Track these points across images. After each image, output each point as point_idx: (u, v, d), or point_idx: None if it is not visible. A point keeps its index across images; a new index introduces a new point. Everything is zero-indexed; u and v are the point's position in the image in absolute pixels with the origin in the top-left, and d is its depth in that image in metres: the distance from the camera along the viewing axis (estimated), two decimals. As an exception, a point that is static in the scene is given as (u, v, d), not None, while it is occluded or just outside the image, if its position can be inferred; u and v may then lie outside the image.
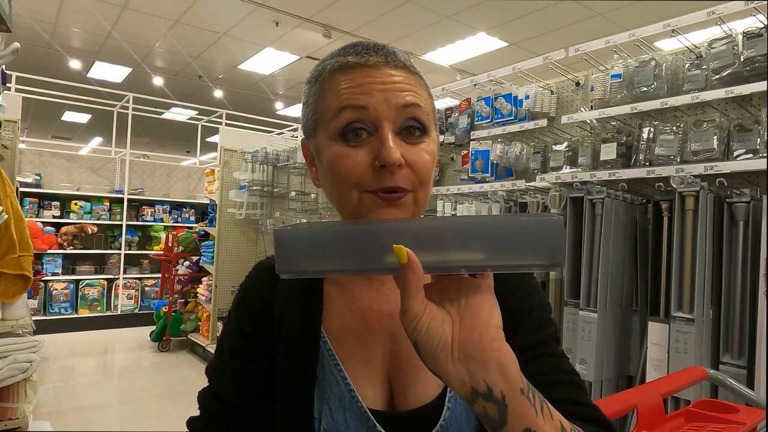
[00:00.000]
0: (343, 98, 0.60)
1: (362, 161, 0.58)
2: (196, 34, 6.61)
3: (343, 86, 0.60)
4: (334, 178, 0.61)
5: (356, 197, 0.60)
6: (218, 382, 0.72)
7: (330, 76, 0.62)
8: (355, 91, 0.59)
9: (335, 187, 0.61)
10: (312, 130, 0.65)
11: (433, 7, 5.52)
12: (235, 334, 0.72)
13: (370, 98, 0.59)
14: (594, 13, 5.48)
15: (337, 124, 0.60)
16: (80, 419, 3.77)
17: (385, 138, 0.58)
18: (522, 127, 2.65)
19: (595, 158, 2.32)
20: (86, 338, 6.40)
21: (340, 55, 0.63)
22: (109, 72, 8.26)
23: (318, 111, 0.63)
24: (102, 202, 7.11)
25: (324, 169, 0.63)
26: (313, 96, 0.64)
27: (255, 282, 0.75)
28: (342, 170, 0.59)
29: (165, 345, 5.77)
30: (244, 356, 0.70)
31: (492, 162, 2.77)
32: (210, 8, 5.82)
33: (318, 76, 0.65)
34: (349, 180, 0.59)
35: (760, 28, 1.83)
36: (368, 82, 0.59)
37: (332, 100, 0.61)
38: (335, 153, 0.60)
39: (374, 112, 0.59)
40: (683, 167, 1.90)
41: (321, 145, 0.63)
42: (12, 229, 2.44)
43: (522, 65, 2.54)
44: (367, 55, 0.61)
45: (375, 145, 0.59)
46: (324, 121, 0.62)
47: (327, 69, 0.63)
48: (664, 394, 0.99)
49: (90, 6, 5.85)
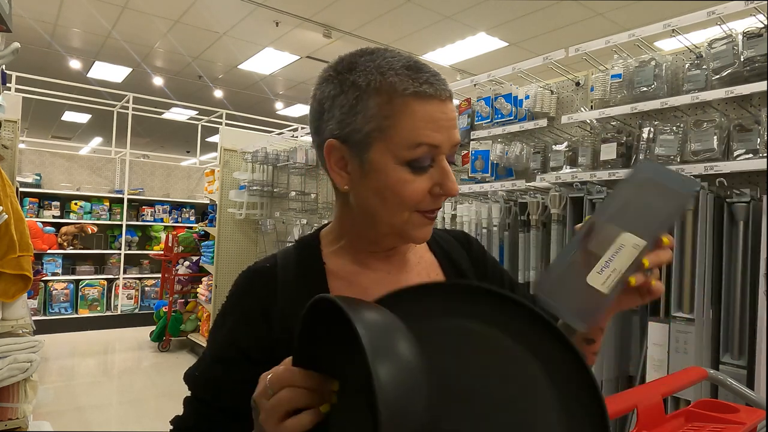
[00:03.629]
0: (422, 134, 0.64)
1: (424, 188, 0.66)
2: (196, 34, 6.61)
3: (420, 118, 0.64)
4: (393, 197, 0.66)
5: (407, 216, 0.67)
6: (215, 390, 0.71)
7: (404, 101, 0.64)
8: (432, 128, 0.64)
9: (388, 204, 0.67)
10: (364, 141, 0.66)
11: (433, 7, 5.52)
12: (239, 340, 0.71)
13: (441, 137, 0.65)
14: (594, 13, 5.48)
15: (410, 155, 0.64)
16: (80, 419, 3.77)
17: (447, 170, 0.67)
18: (522, 127, 2.65)
19: (595, 158, 2.32)
20: (86, 338, 6.40)
21: (412, 78, 0.65)
22: (109, 72, 8.26)
23: (383, 129, 0.64)
24: (102, 202, 7.11)
25: (374, 184, 0.67)
26: (375, 109, 0.65)
27: (251, 287, 0.74)
28: (406, 194, 0.65)
29: (165, 345, 5.77)
30: (254, 361, 0.69)
31: (492, 162, 2.77)
32: (210, 8, 5.82)
33: (382, 89, 0.65)
34: (409, 203, 0.66)
35: (760, 28, 1.83)
36: (440, 119, 0.65)
37: (409, 130, 0.64)
38: (401, 178, 0.65)
39: (440, 149, 0.66)
40: (683, 167, 1.90)
41: (378, 162, 0.66)
42: (12, 229, 2.44)
43: (522, 65, 2.54)
44: (437, 85, 0.65)
45: (435, 174, 0.66)
46: (393, 143, 0.64)
47: (398, 90, 0.64)
48: (664, 394, 0.99)
49: (90, 6, 5.85)
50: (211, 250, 5.41)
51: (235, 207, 5.32)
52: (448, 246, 0.84)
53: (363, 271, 0.75)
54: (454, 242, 0.86)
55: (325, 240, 0.78)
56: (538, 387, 0.49)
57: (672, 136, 2.02)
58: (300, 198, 4.70)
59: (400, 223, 0.68)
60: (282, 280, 0.73)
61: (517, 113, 2.71)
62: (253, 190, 5.07)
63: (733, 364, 1.79)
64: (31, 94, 6.94)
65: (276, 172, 5.14)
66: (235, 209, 5.32)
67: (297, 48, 6.98)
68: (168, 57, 7.57)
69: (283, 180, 5.09)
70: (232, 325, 0.72)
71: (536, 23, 5.83)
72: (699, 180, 1.84)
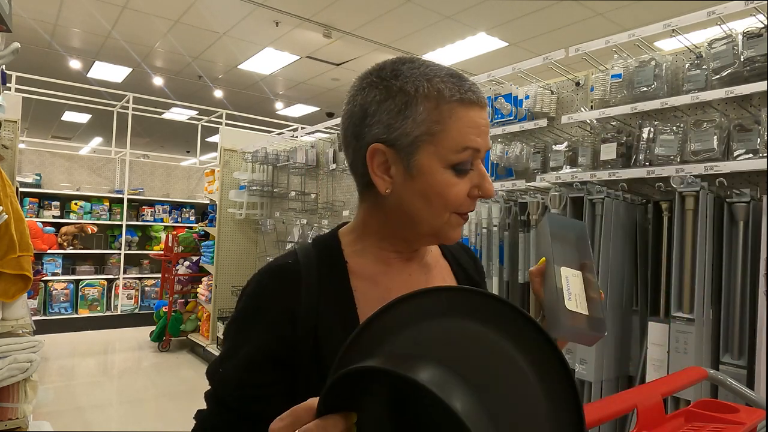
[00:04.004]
0: (468, 139, 0.69)
1: (465, 190, 0.71)
2: (196, 34, 6.61)
3: (465, 123, 0.69)
4: (438, 199, 0.70)
5: (447, 217, 0.71)
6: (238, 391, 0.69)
7: (450, 107, 0.68)
8: (476, 133, 0.69)
9: (432, 206, 0.70)
10: (414, 146, 0.69)
11: (433, 7, 5.52)
12: (267, 343, 0.69)
13: (482, 141, 0.70)
14: (594, 13, 5.48)
15: (456, 158, 0.69)
16: (80, 419, 3.77)
17: (485, 173, 0.72)
18: (522, 127, 2.65)
19: (595, 158, 2.32)
20: (86, 338, 6.40)
21: (457, 87, 0.69)
22: (109, 72, 8.26)
23: (432, 134, 0.68)
24: (102, 202, 7.11)
25: (419, 185, 0.70)
26: (425, 114, 0.68)
27: (276, 286, 0.73)
28: (451, 196, 0.70)
29: (165, 345, 5.76)
30: (279, 362, 0.69)
31: (492, 162, 2.77)
32: (210, 8, 5.82)
33: (430, 95, 0.68)
34: (452, 205, 0.70)
35: (760, 28, 1.83)
36: (481, 125, 0.70)
37: (456, 134, 0.68)
38: (447, 181, 0.69)
39: (480, 153, 0.71)
40: (683, 167, 1.90)
41: (426, 166, 0.69)
42: (12, 229, 2.44)
43: (522, 65, 2.54)
44: (478, 93, 0.71)
45: (474, 177, 0.71)
46: (441, 147, 0.68)
47: (446, 96, 0.68)
48: (664, 394, 0.99)
49: (90, 6, 5.85)
50: (211, 250, 5.41)
51: (235, 207, 5.32)
52: (456, 253, 0.90)
53: (386, 270, 0.76)
54: (461, 250, 0.92)
55: (346, 239, 0.78)
56: (529, 384, 0.56)
57: (672, 136, 2.03)
58: (300, 198, 4.70)
59: (440, 224, 0.72)
60: (306, 279, 0.72)
61: (517, 113, 2.71)
62: (253, 190, 5.07)
63: (733, 364, 1.79)
64: (31, 94, 6.94)
65: (276, 172, 5.14)
66: (235, 209, 5.32)
67: (297, 48, 6.98)
68: (168, 57, 7.58)
69: (283, 180, 5.10)
70: (260, 327, 0.70)
71: (536, 23, 5.83)
72: (699, 180, 1.85)
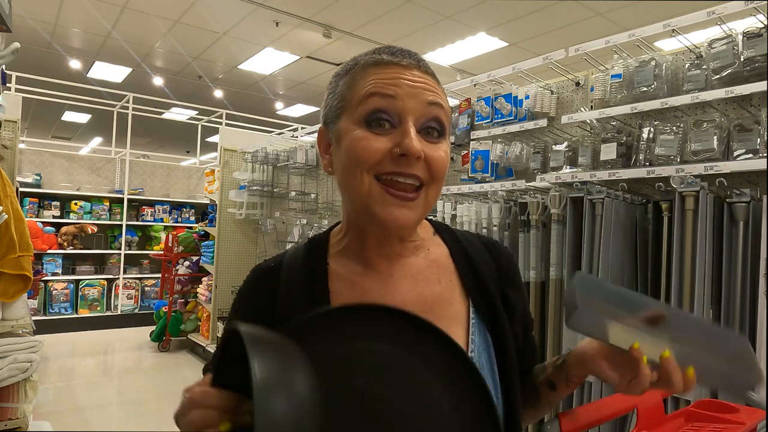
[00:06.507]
0: (373, 86, 0.64)
1: (382, 147, 0.62)
2: (196, 34, 6.61)
3: (375, 78, 0.65)
4: (350, 159, 0.64)
5: (368, 183, 0.63)
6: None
7: (362, 70, 0.67)
8: (385, 82, 0.64)
9: (349, 170, 0.64)
10: (335, 116, 0.68)
11: (433, 7, 5.52)
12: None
13: (399, 89, 0.63)
14: (594, 13, 5.48)
15: (363, 109, 0.64)
16: (80, 419, 3.77)
17: (408, 130, 0.62)
18: (522, 127, 2.65)
19: (595, 158, 2.32)
20: (86, 338, 6.40)
21: (375, 53, 0.68)
22: (109, 72, 8.26)
23: (345, 98, 0.66)
24: (102, 202, 7.11)
25: (341, 152, 0.66)
26: (342, 86, 0.68)
27: (252, 287, 0.76)
28: (360, 151, 0.62)
29: (165, 345, 5.77)
30: None
31: (492, 162, 2.77)
32: (210, 8, 5.82)
33: (350, 70, 0.68)
34: (365, 162, 0.62)
35: (760, 28, 1.83)
36: (398, 77, 0.64)
37: (361, 88, 0.65)
38: (357, 135, 0.63)
39: (401, 103, 0.63)
40: (683, 167, 1.90)
41: (342, 130, 0.66)
42: (12, 229, 2.44)
43: (522, 65, 2.53)
44: (401, 56, 0.66)
45: (397, 136, 0.63)
46: (350, 107, 0.65)
47: (360, 63, 0.68)
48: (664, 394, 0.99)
49: (90, 6, 5.85)
50: (211, 250, 5.41)
51: (235, 207, 5.32)
52: (474, 252, 0.78)
53: (366, 271, 0.73)
54: (482, 248, 0.80)
55: (333, 239, 0.78)
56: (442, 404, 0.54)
57: (672, 136, 2.02)
58: (300, 198, 4.70)
59: (363, 193, 0.63)
60: (285, 280, 0.73)
61: (517, 113, 2.71)
62: (253, 190, 5.07)
63: (733, 364, 1.78)
64: (31, 94, 6.94)
65: (276, 172, 5.14)
66: (235, 209, 5.31)
67: (297, 48, 6.98)
68: (168, 57, 7.57)
69: (283, 180, 5.09)
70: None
71: (536, 23, 5.83)
72: (699, 180, 1.85)
